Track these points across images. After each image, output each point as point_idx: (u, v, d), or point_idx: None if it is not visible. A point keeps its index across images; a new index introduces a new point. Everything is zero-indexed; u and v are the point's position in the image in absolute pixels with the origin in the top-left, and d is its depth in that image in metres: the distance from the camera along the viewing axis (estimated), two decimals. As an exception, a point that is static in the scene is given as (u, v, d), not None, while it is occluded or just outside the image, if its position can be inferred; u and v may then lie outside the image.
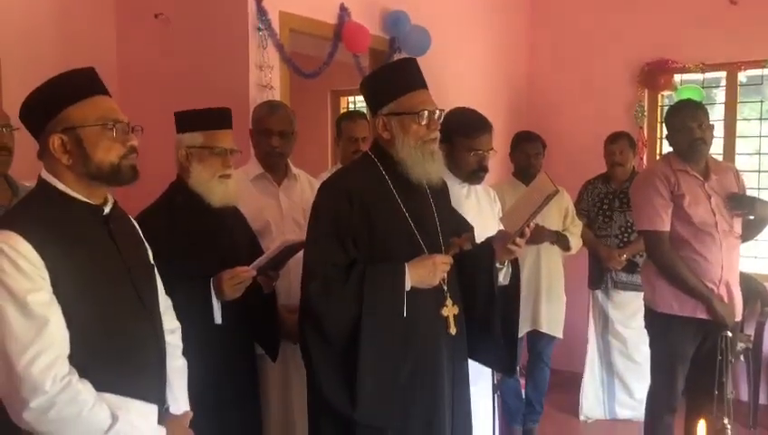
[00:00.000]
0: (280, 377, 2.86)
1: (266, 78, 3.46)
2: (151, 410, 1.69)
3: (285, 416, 2.88)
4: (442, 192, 2.36)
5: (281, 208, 2.95)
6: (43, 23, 3.54)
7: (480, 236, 2.47)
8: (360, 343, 2.06)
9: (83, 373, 1.56)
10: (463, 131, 2.85)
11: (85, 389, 1.55)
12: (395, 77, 2.21)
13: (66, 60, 3.56)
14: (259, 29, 3.43)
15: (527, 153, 4.11)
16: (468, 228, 2.42)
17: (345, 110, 6.81)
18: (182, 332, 1.99)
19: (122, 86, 3.56)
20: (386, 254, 2.16)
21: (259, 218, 2.83)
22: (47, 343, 1.51)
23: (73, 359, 1.55)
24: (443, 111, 2.26)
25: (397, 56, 4.23)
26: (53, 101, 1.63)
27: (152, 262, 1.89)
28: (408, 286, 2.12)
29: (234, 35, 3.46)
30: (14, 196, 2.50)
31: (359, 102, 6.97)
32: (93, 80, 1.70)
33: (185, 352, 1.98)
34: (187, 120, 2.47)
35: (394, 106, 2.17)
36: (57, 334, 1.53)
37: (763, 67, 4.82)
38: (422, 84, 2.22)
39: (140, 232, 1.90)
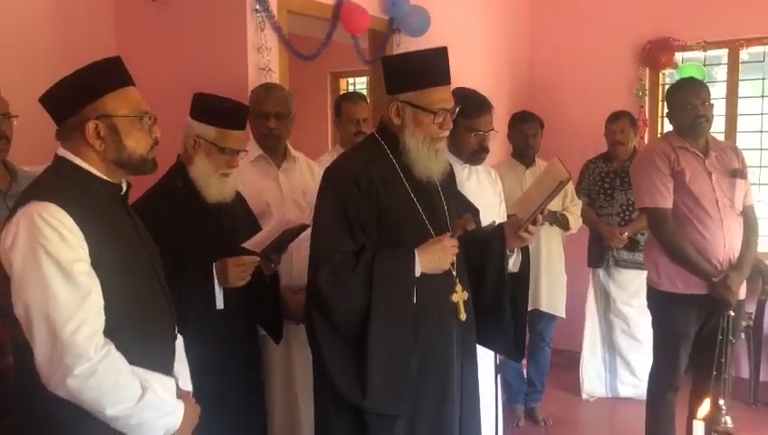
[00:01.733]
0: (282, 358, 2.87)
1: (264, 60, 3.44)
2: (170, 382, 1.73)
3: (288, 396, 2.90)
4: (449, 176, 2.34)
5: (281, 190, 2.96)
6: (40, 8, 3.51)
7: (483, 217, 2.46)
8: (370, 330, 2.03)
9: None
10: (463, 112, 2.83)
11: (121, 358, 1.59)
12: (423, 67, 2.13)
13: (64, 45, 3.56)
14: (257, 11, 3.40)
15: (525, 134, 4.10)
16: (474, 211, 2.40)
17: (344, 91, 6.79)
18: (185, 316, 2.02)
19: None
20: (395, 239, 2.13)
21: (259, 200, 2.83)
22: (90, 313, 1.55)
23: (105, 330, 1.59)
24: (457, 107, 2.22)
25: (396, 37, 4.21)
26: (91, 89, 1.67)
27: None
28: (417, 272, 2.10)
29: (232, 18, 3.43)
30: (13, 181, 2.50)
31: (358, 84, 6.95)
32: (123, 70, 1.74)
33: (189, 335, 1.99)
34: (205, 110, 2.43)
35: (413, 96, 2.12)
36: (97, 305, 1.57)
37: (765, 44, 4.78)
38: (447, 80, 2.17)
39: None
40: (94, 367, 1.53)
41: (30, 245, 1.53)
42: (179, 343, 1.92)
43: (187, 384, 1.89)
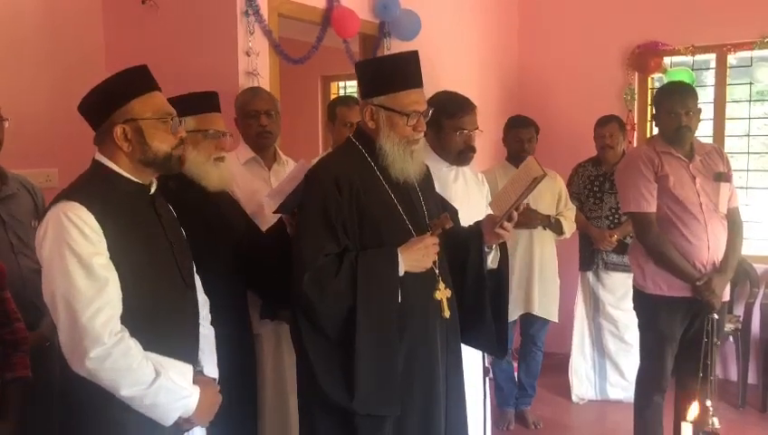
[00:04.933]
0: (274, 358, 2.86)
1: (254, 64, 3.44)
2: (187, 368, 1.84)
3: (279, 396, 2.87)
4: (426, 177, 2.36)
5: None
6: (29, 9, 3.51)
7: (469, 219, 2.48)
8: (357, 331, 2.04)
9: (131, 333, 1.74)
10: (448, 112, 2.86)
11: (135, 344, 1.74)
12: (394, 71, 2.17)
13: (54, 47, 3.55)
14: (246, 14, 3.40)
15: (520, 138, 4.11)
16: (452, 210, 2.42)
17: (335, 95, 6.79)
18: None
19: (110, 73, 3.54)
20: (376, 239, 2.15)
21: (252, 201, 2.86)
22: (106, 301, 1.70)
23: (122, 320, 1.73)
24: (431, 110, 2.25)
25: (386, 41, 4.22)
26: (118, 96, 1.82)
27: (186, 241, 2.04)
28: (401, 271, 2.12)
29: (222, 21, 3.43)
30: (3, 184, 2.49)
31: (349, 88, 6.95)
32: (149, 77, 1.89)
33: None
34: (177, 106, 2.43)
35: (386, 100, 2.16)
36: (114, 295, 1.72)
37: (752, 49, 4.83)
38: (418, 83, 2.20)
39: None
40: (108, 351, 1.68)
41: (56, 240, 1.70)
42: (210, 333, 2.06)
43: (212, 372, 2.03)
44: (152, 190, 1.91)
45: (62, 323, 1.70)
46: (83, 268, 1.68)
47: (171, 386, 1.76)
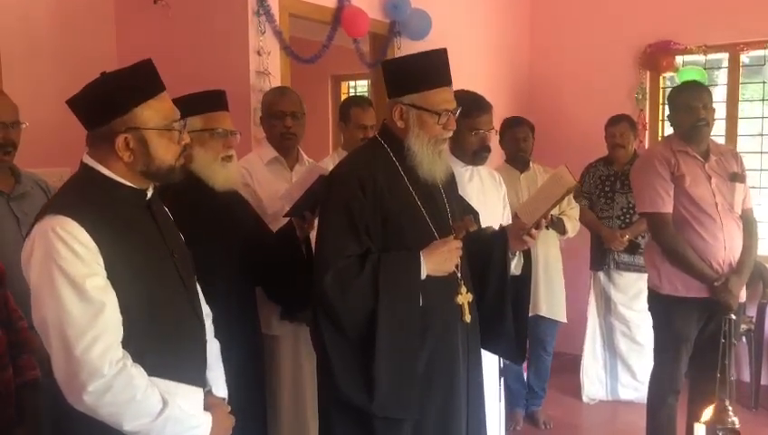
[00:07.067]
0: (292, 359, 2.87)
1: (265, 63, 3.45)
2: (197, 393, 1.71)
3: (297, 397, 2.88)
4: (450, 178, 2.34)
5: None
6: (42, 10, 3.53)
7: (485, 219, 2.47)
8: (377, 333, 2.02)
9: (135, 357, 1.58)
10: (464, 112, 2.84)
11: (138, 373, 1.57)
12: (424, 69, 2.14)
13: (66, 47, 3.57)
14: (257, 13, 3.41)
15: (516, 138, 4.10)
16: (474, 213, 2.41)
17: (346, 95, 6.79)
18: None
19: (122, 73, 3.55)
20: (399, 242, 2.13)
21: (275, 202, 2.85)
22: (104, 328, 1.52)
23: (125, 343, 1.57)
24: (459, 109, 2.22)
25: (397, 41, 4.23)
26: (120, 101, 1.63)
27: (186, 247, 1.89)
28: (423, 275, 2.10)
29: (233, 21, 3.45)
30: (17, 182, 2.52)
31: (359, 88, 6.95)
32: (154, 76, 1.69)
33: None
34: (183, 106, 2.43)
35: (417, 98, 2.13)
36: (113, 319, 1.55)
37: (766, 48, 4.79)
38: (448, 81, 2.18)
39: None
40: (108, 383, 1.51)
41: (44, 260, 1.52)
42: (215, 347, 1.91)
43: (220, 390, 1.88)
44: (149, 195, 1.74)
45: (55, 355, 1.53)
46: (76, 293, 1.50)
47: (179, 415, 1.61)
